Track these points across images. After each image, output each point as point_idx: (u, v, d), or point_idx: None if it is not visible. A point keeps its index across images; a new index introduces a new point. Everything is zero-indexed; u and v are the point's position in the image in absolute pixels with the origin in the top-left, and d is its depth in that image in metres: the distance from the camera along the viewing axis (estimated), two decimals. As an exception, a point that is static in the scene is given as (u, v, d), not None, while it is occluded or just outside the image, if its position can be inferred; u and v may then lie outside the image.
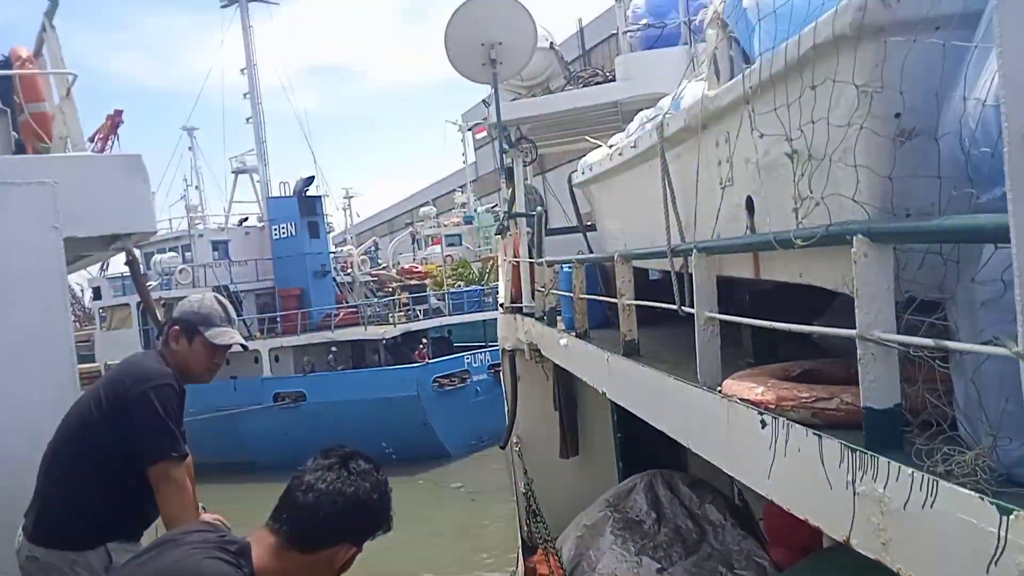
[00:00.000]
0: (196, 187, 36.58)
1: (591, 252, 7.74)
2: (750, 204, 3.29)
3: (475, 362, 24.82)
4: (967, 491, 1.68)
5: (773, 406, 2.70)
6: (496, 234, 13.13)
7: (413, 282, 30.92)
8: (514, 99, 12.11)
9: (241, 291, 27.62)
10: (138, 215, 5.49)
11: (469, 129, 46.03)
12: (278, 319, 26.72)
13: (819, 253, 2.65)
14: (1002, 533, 1.56)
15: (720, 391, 3.08)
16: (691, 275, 3.49)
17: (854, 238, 2.26)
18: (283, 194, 30.38)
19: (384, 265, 35.54)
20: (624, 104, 10.24)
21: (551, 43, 11.72)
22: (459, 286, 31.24)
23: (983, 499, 1.64)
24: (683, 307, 3.79)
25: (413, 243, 41.09)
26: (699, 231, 3.88)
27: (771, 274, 3.20)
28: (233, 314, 3.78)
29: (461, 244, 39.98)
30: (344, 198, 44.76)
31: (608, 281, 6.08)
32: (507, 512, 10.38)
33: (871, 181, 2.35)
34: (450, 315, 27.75)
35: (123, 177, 5.35)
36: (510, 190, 10.40)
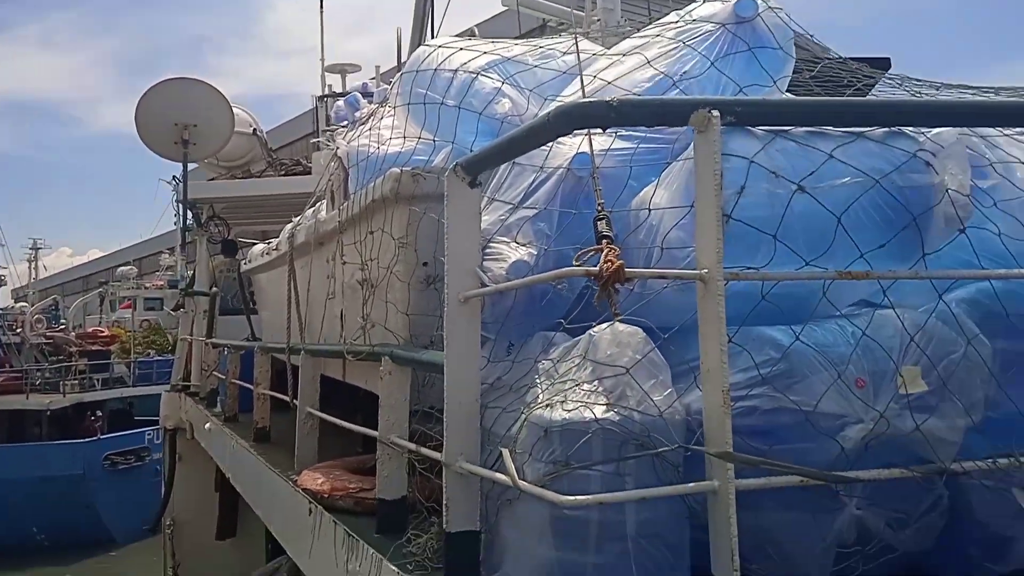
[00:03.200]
0: None
1: (254, 337, 7.92)
2: (343, 317, 3.81)
3: (158, 438, 23.06)
4: (392, 566, 2.21)
5: (327, 495, 3.15)
6: (173, 310, 12.75)
7: (95, 347, 28.33)
8: (213, 178, 12.10)
9: None
10: None
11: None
12: (-82, 382, 23.11)
13: (374, 366, 3.19)
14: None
15: (295, 481, 3.48)
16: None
17: (383, 358, 2.81)
18: (-57, 239, 26.75)
19: (64, 327, 32.23)
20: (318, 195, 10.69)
21: (254, 129, 11.96)
22: (150, 355, 29.16)
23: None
24: (294, 400, 4.20)
25: (102, 304, 37.76)
26: (313, 335, 4.33)
27: (353, 379, 3.71)
28: None
29: (163, 309, 37.53)
30: (31, 248, 40.36)
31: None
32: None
33: (401, 314, 2.94)
34: (134, 386, 25.71)
35: None
36: (192, 267, 10.33)
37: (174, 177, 9.98)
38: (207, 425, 6.31)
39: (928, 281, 1.95)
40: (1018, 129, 2.29)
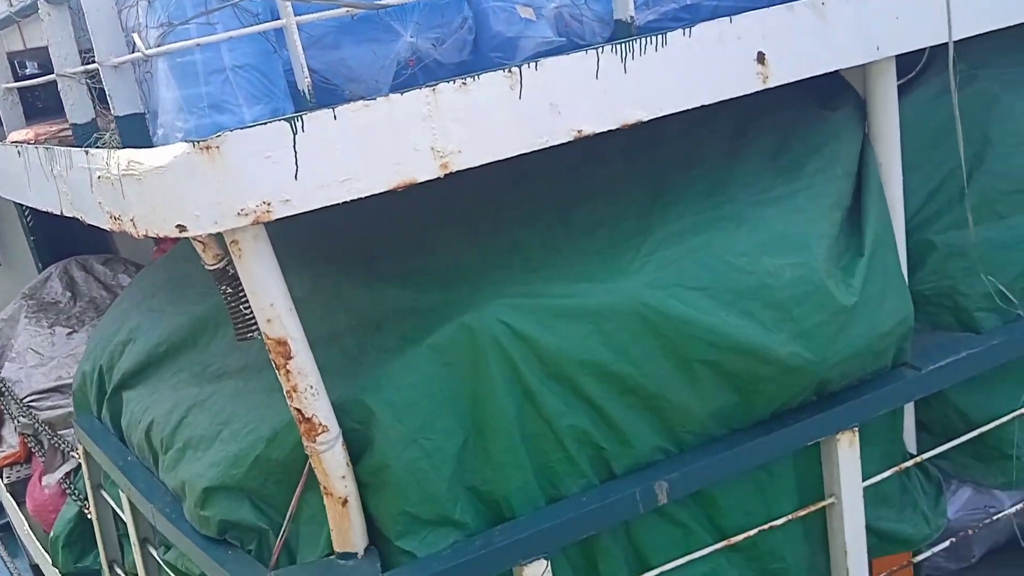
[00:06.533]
0: None
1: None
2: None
3: None
4: (80, 149, 2.82)
5: (32, 141, 3.63)
6: None
7: None
8: None
9: None
10: None
11: None
12: None
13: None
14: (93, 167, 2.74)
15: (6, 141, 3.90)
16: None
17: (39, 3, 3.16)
18: None
19: None
20: None
21: None
22: None
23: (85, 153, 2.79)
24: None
25: None
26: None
27: (31, 43, 3.99)
28: None
29: None
30: None
31: None
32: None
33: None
34: None
35: None
36: None
37: None
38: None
39: None
40: None
